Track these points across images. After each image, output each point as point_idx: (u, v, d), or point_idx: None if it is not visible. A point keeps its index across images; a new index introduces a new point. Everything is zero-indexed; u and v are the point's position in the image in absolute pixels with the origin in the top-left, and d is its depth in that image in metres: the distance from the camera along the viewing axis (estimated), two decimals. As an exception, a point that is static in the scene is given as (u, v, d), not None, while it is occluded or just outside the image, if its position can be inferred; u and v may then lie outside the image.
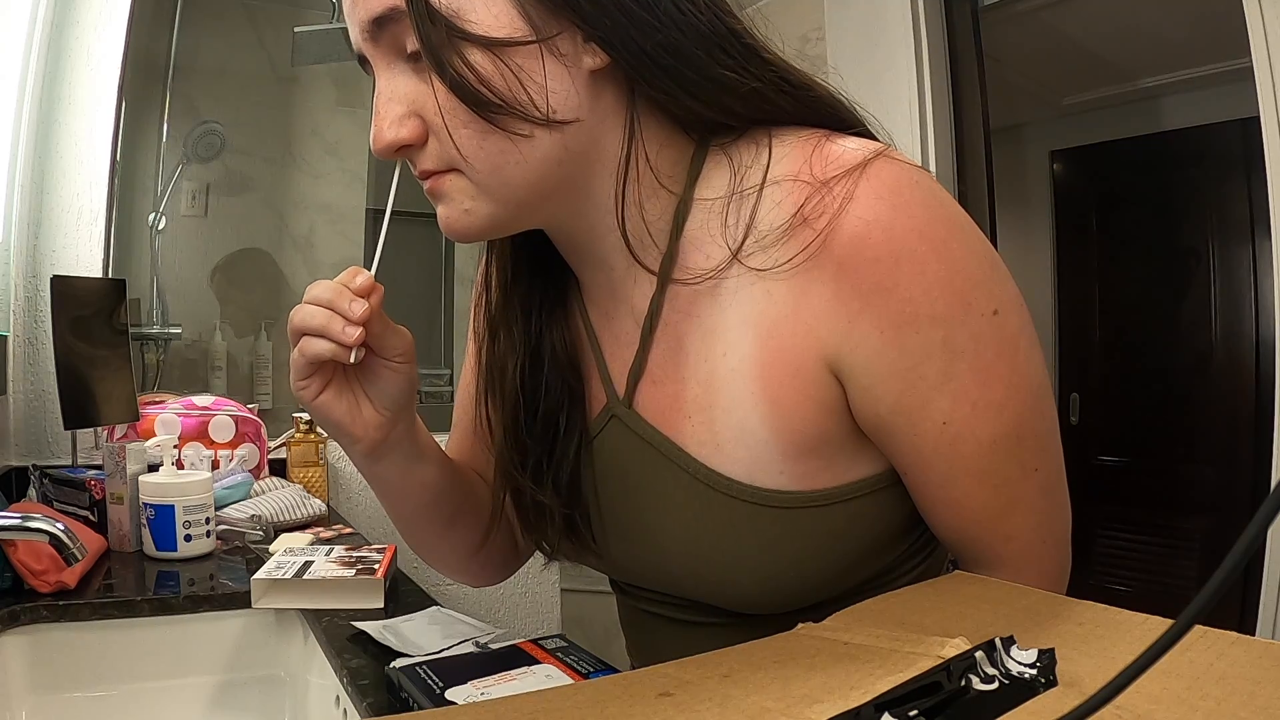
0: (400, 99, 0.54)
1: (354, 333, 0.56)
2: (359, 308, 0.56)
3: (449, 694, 0.60)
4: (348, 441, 0.63)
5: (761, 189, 0.55)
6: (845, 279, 0.52)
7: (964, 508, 0.58)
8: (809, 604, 0.60)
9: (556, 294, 0.68)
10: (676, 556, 0.61)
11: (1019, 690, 0.36)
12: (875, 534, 0.60)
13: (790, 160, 0.55)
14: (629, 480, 0.63)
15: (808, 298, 0.54)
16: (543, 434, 0.65)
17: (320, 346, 0.57)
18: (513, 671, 0.65)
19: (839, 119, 0.60)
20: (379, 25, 0.54)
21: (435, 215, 0.60)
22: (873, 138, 0.60)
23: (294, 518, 1.38)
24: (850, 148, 0.54)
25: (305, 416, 1.69)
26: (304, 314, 0.57)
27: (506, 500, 0.69)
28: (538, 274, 0.67)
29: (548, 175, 0.55)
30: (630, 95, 0.56)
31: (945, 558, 0.70)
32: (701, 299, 0.58)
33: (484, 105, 0.52)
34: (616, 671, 0.63)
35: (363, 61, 0.57)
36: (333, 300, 0.57)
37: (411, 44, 0.53)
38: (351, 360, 0.57)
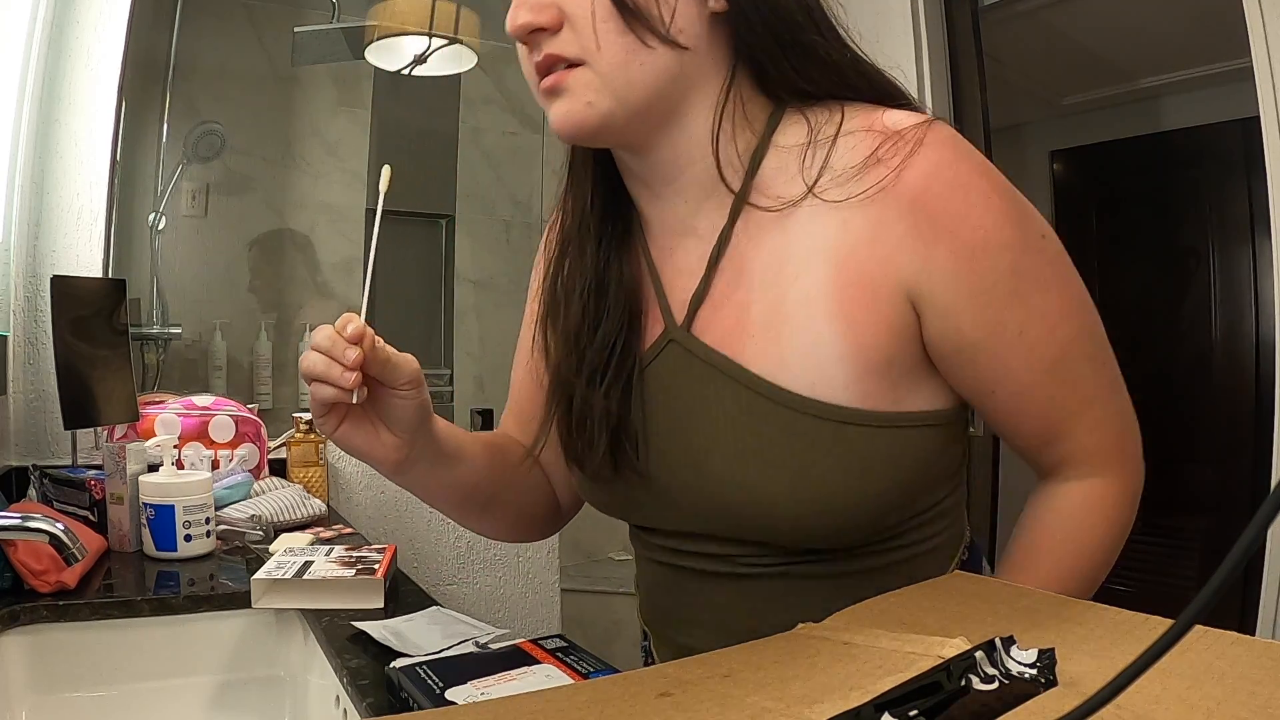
0: None
1: (350, 378, 0.61)
2: (352, 354, 0.60)
3: (449, 694, 0.60)
4: (372, 464, 0.67)
5: (836, 138, 0.62)
6: (920, 212, 0.59)
7: (1049, 410, 0.64)
8: (838, 542, 0.64)
9: (623, 230, 0.72)
10: (724, 476, 0.64)
11: (1019, 690, 0.36)
12: (917, 470, 0.64)
13: (861, 119, 0.62)
14: (682, 403, 0.67)
15: (884, 229, 0.59)
16: (598, 355, 0.69)
17: (325, 392, 0.62)
18: (513, 671, 0.65)
19: (903, 104, 0.65)
20: None
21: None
22: None
23: (294, 518, 1.38)
24: (914, 116, 0.62)
25: (305, 416, 1.69)
26: (308, 362, 0.62)
27: (546, 467, 0.78)
28: (609, 208, 0.72)
29: (661, 88, 0.61)
30: (734, 45, 0.63)
31: (964, 531, 0.74)
32: (770, 229, 0.64)
33: (626, 8, 0.59)
34: (616, 671, 0.63)
35: None
36: (329, 349, 0.61)
37: None
38: (354, 401, 0.62)
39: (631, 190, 0.70)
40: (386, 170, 0.70)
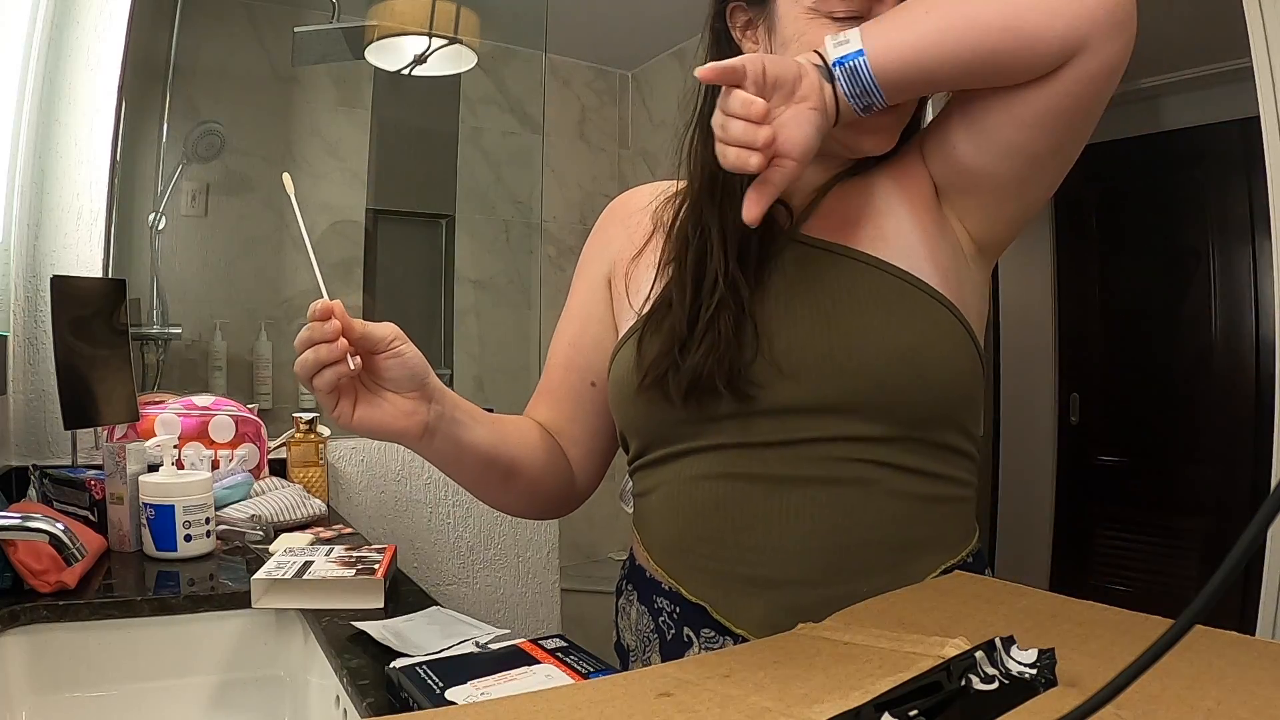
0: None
1: (339, 346, 0.65)
2: (330, 328, 0.65)
3: (449, 694, 0.60)
4: (399, 438, 0.72)
5: None
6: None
7: None
8: (922, 400, 0.72)
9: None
10: (847, 338, 0.72)
11: (1019, 690, 0.36)
12: (967, 368, 0.74)
13: None
14: (803, 285, 0.75)
15: (910, 163, 0.79)
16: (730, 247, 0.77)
17: (326, 376, 0.66)
18: (513, 672, 0.64)
19: None
20: None
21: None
22: None
23: (294, 518, 1.38)
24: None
25: (305, 416, 1.69)
26: (299, 363, 0.66)
27: (565, 443, 0.86)
28: None
29: None
30: None
31: (975, 526, 0.78)
32: (854, 182, 0.79)
33: None
34: (616, 671, 0.63)
35: None
36: (310, 337, 0.66)
37: None
38: (352, 368, 0.67)
39: None
40: (287, 178, 0.75)
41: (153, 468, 1.26)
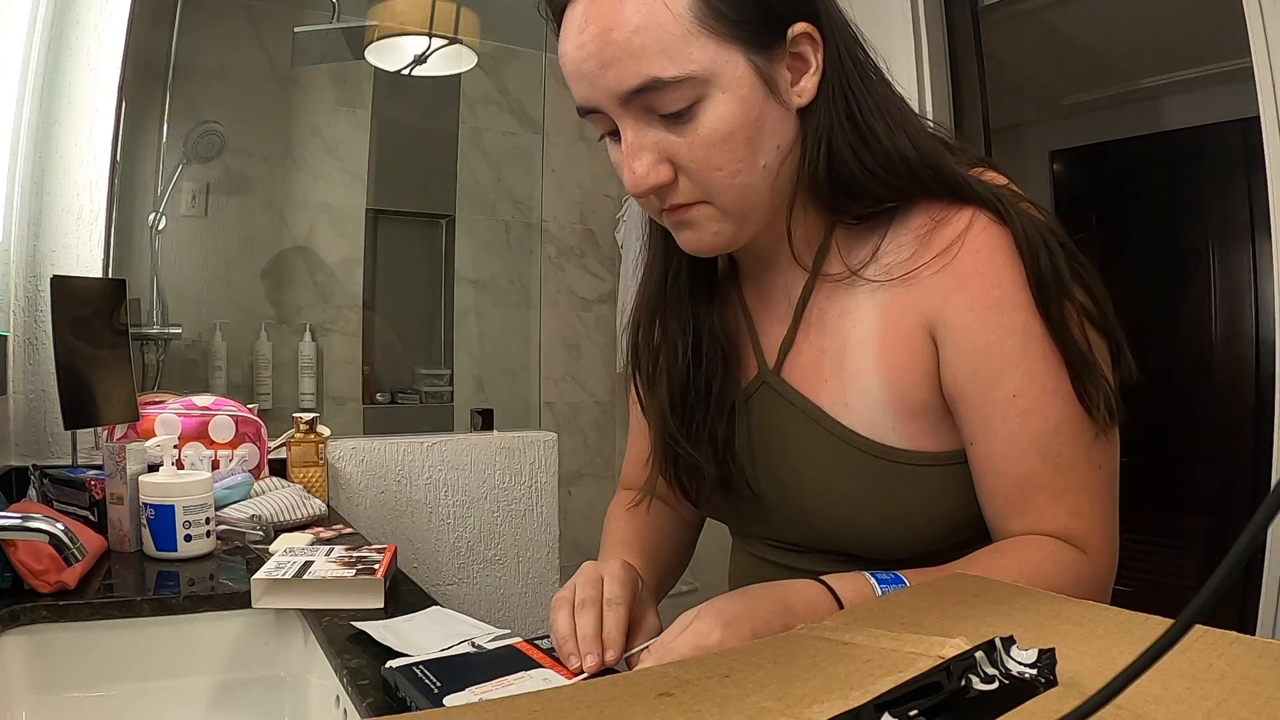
0: (650, 148, 0.64)
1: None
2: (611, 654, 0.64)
3: (447, 700, 0.60)
4: None
5: (888, 230, 0.69)
6: (949, 264, 0.65)
7: (1024, 481, 0.65)
8: (917, 553, 0.69)
9: (712, 281, 0.79)
10: (814, 501, 0.72)
11: (1019, 690, 0.36)
12: (964, 499, 0.69)
13: (915, 217, 0.68)
14: (774, 435, 0.74)
15: (919, 280, 0.66)
16: (699, 400, 0.77)
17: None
18: (509, 677, 0.64)
19: (964, 193, 0.67)
20: (636, 93, 0.61)
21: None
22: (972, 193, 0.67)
23: (294, 518, 1.38)
24: (961, 213, 0.66)
25: (305, 416, 1.69)
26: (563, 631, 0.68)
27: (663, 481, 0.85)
28: (697, 268, 0.78)
29: (770, 204, 0.68)
30: (810, 130, 0.67)
31: None
32: (840, 289, 0.71)
33: (733, 153, 0.63)
34: (616, 672, 0.63)
35: (585, 113, 0.66)
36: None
37: (664, 107, 0.62)
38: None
39: (734, 254, 0.79)
40: None
41: (153, 468, 1.26)
